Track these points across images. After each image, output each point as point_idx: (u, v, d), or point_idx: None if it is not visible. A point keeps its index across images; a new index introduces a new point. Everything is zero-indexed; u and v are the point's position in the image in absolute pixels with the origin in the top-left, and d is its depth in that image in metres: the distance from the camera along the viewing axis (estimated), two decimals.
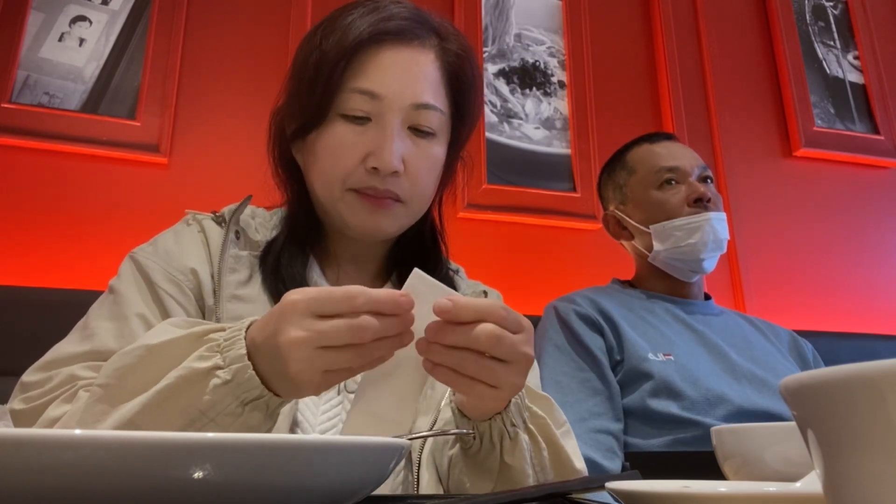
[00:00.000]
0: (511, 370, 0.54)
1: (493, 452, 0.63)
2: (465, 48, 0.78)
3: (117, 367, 0.54)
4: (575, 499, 0.43)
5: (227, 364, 0.51)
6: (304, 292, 0.50)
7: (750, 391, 1.15)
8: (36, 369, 0.65)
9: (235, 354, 0.52)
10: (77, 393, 0.60)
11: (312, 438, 0.32)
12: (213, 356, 0.52)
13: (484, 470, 0.63)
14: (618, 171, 1.38)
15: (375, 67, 0.71)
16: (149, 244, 0.75)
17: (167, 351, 0.53)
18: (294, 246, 0.76)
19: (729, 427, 0.49)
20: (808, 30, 2.19)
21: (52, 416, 0.58)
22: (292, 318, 0.49)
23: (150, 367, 0.53)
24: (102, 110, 1.51)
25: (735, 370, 1.18)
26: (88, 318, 0.69)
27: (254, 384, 0.51)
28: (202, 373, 0.51)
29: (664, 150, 1.33)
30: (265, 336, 0.51)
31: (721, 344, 1.22)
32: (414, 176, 0.73)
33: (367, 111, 0.71)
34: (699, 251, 1.25)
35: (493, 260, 1.69)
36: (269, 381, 0.52)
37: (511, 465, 0.62)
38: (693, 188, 1.27)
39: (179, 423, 0.51)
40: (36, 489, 0.28)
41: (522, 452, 0.63)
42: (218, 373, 0.51)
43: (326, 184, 0.73)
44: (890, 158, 2.09)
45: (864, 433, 0.19)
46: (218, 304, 0.70)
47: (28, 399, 0.61)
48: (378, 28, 0.71)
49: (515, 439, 0.63)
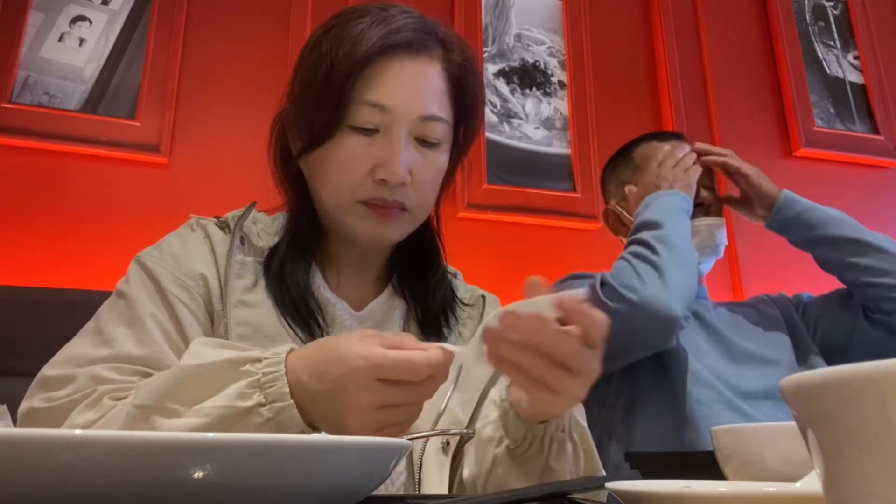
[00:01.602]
0: (578, 383, 0.54)
1: (540, 455, 0.64)
2: (469, 58, 0.79)
3: (155, 388, 0.55)
4: (575, 499, 0.43)
5: (269, 401, 0.52)
6: (367, 358, 0.51)
7: (746, 370, 1.17)
8: (55, 364, 0.64)
9: (278, 392, 0.52)
10: (101, 400, 0.60)
11: (312, 438, 0.32)
12: (254, 393, 0.52)
13: (528, 471, 0.64)
14: (622, 166, 1.37)
15: (384, 80, 0.71)
16: (154, 248, 0.75)
17: (204, 377, 0.54)
18: (296, 252, 0.76)
19: (729, 427, 0.49)
20: (808, 30, 2.19)
21: (77, 423, 0.58)
22: (358, 381, 0.51)
23: (187, 391, 0.54)
24: (102, 110, 1.51)
25: (731, 350, 1.20)
26: (100, 323, 0.68)
27: (296, 423, 0.52)
28: (244, 411, 0.52)
29: (673, 149, 1.31)
30: (324, 388, 0.52)
31: (721, 328, 1.24)
32: (420, 185, 0.74)
33: (375, 123, 0.71)
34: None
35: (494, 260, 1.69)
36: (312, 420, 0.54)
37: (555, 469, 0.63)
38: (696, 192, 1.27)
39: None
40: (36, 489, 0.28)
41: (567, 457, 0.64)
42: (261, 410, 0.52)
43: (334, 195, 0.74)
44: (890, 158, 2.09)
45: (864, 433, 0.19)
46: (225, 309, 0.70)
47: (49, 398, 0.61)
48: (389, 41, 0.71)
49: (563, 445, 0.64)
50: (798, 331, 1.29)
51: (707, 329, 1.24)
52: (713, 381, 1.14)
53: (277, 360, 0.54)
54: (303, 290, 0.73)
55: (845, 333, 1.25)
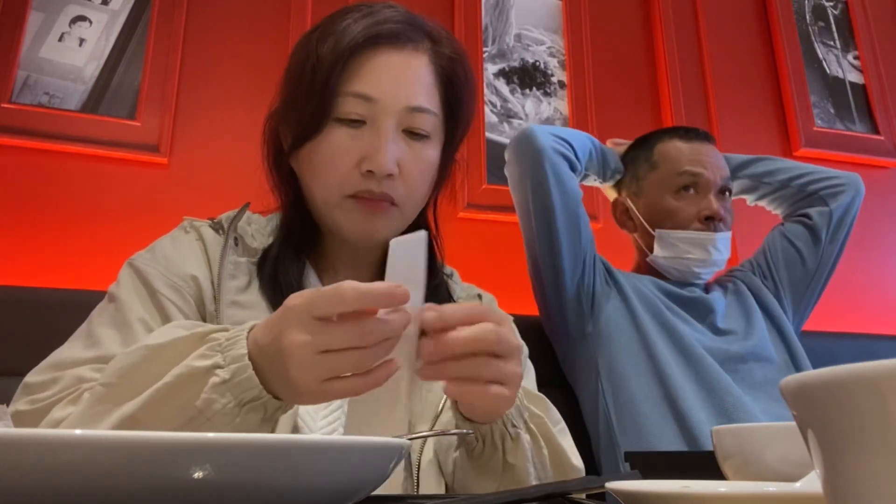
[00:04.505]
0: (512, 363, 0.55)
1: (495, 453, 0.63)
2: (458, 51, 0.79)
3: (120, 367, 0.54)
4: (575, 499, 0.43)
5: (227, 363, 0.51)
6: (303, 295, 0.50)
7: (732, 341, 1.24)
8: (40, 371, 0.64)
9: (236, 354, 0.51)
10: (82, 395, 0.60)
11: (312, 438, 0.32)
12: (214, 355, 0.52)
13: (488, 470, 0.64)
14: (641, 161, 1.35)
15: (369, 71, 0.72)
16: (146, 251, 0.75)
17: (170, 351, 0.53)
18: (289, 252, 0.76)
19: (729, 427, 0.49)
20: (808, 30, 2.19)
21: (56, 418, 0.58)
22: (294, 322, 0.49)
23: (153, 366, 0.53)
24: (102, 110, 1.51)
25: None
26: (91, 325, 0.69)
27: (252, 384, 0.51)
28: (202, 371, 0.51)
29: (693, 152, 1.29)
30: (269, 339, 0.51)
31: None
32: (408, 178, 0.74)
33: (361, 114, 0.72)
34: (696, 266, 1.27)
35: (493, 260, 1.68)
36: (269, 383, 0.52)
37: (514, 464, 0.63)
38: (708, 204, 1.25)
39: (178, 422, 0.50)
40: (36, 489, 0.28)
41: (525, 452, 0.63)
42: (217, 371, 0.51)
43: (324, 190, 0.74)
44: (890, 158, 2.09)
45: (864, 433, 0.19)
46: (218, 310, 0.70)
47: (33, 401, 0.61)
48: (372, 32, 0.72)
49: (517, 440, 0.63)
50: (763, 293, 1.35)
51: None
52: (698, 350, 1.18)
53: (241, 328, 0.54)
54: (295, 288, 0.73)
55: (784, 248, 1.39)
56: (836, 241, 1.37)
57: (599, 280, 1.25)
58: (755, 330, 1.25)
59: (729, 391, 1.12)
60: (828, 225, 1.36)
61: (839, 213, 1.37)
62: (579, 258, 1.23)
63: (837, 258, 1.38)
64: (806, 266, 1.36)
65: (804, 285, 1.36)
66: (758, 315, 1.29)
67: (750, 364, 1.19)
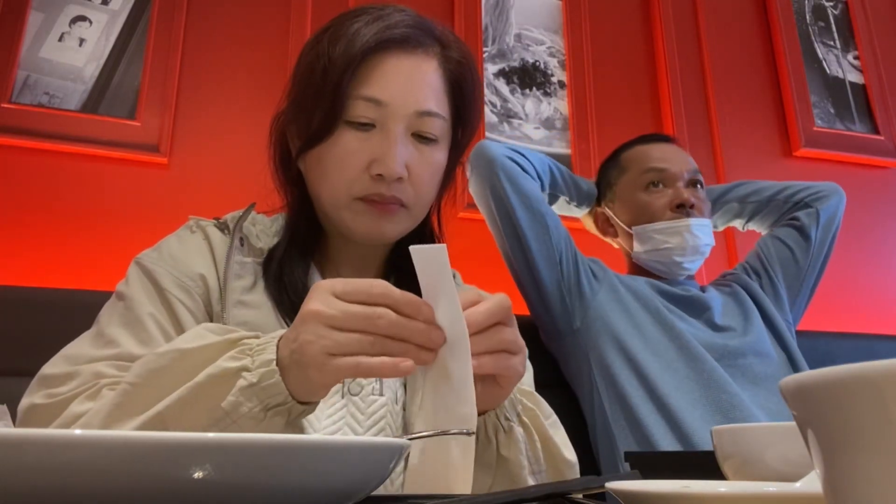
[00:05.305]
0: (520, 360, 0.58)
1: (489, 447, 0.64)
2: (467, 56, 0.79)
3: (150, 369, 0.55)
4: (574, 499, 0.43)
5: (255, 367, 0.52)
6: (333, 280, 0.53)
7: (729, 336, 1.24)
8: (56, 363, 0.64)
9: (265, 359, 0.53)
10: (101, 391, 0.60)
11: (312, 438, 0.32)
12: (244, 358, 0.53)
13: (482, 464, 0.64)
14: (611, 169, 1.41)
15: (380, 75, 0.72)
16: (153, 250, 0.75)
17: (201, 355, 0.54)
18: (295, 252, 0.77)
19: (729, 427, 0.49)
20: (808, 30, 2.19)
21: (75, 412, 0.58)
22: (315, 295, 0.52)
23: (182, 369, 0.54)
24: (102, 110, 1.51)
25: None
26: (101, 325, 0.68)
27: (278, 389, 0.52)
28: (230, 373, 0.52)
29: (657, 151, 1.36)
30: (293, 334, 0.53)
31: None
32: (417, 182, 0.74)
33: (371, 118, 0.72)
34: (676, 255, 1.28)
35: (494, 260, 1.68)
36: (293, 388, 0.53)
37: (507, 457, 0.64)
38: (677, 193, 1.30)
39: (205, 423, 0.52)
40: (36, 489, 0.28)
41: (518, 445, 0.64)
42: (245, 374, 0.52)
43: (332, 192, 0.74)
44: (890, 158, 2.09)
45: (864, 433, 0.19)
46: (224, 310, 0.71)
47: (51, 395, 0.61)
48: (383, 36, 0.72)
49: (510, 433, 0.64)
50: (757, 294, 1.36)
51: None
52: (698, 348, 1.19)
53: (274, 335, 0.56)
54: (301, 290, 0.73)
55: (778, 249, 1.41)
56: (824, 243, 1.41)
57: (585, 279, 1.26)
58: (753, 326, 1.26)
59: (725, 388, 1.13)
60: (816, 224, 1.40)
61: (826, 214, 1.42)
62: (553, 258, 1.24)
63: (826, 259, 1.42)
64: (798, 264, 1.39)
65: (798, 281, 1.40)
66: (755, 313, 1.30)
67: (750, 359, 1.20)
